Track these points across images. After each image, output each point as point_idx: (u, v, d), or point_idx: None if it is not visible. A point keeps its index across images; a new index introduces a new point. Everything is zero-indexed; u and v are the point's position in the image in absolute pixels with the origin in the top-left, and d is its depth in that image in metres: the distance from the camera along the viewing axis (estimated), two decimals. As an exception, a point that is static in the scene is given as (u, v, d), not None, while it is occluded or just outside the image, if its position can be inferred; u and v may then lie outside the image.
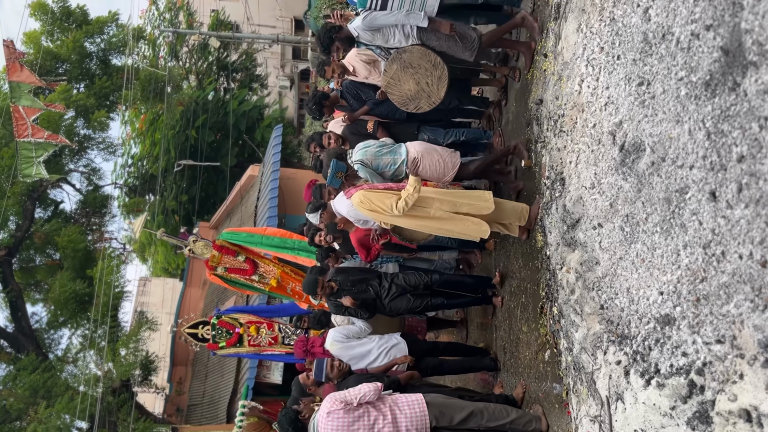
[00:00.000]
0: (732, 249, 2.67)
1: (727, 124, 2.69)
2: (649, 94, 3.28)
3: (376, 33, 5.27)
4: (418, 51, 5.26)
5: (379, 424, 4.20)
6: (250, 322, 8.91)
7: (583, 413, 4.00)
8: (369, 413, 4.25)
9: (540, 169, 4.95)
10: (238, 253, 8.06)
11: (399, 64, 5.30)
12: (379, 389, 4.40)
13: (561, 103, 4.52)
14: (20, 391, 16.41)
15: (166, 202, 21.51)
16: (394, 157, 5.42)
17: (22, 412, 16.38)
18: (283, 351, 9.49)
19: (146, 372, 19.63)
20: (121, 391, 17.66)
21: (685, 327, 2.96)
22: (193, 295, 19.15)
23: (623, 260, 3.51)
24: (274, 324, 8.97)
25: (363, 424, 4.21)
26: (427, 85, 5.31)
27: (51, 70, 23.40)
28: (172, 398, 19.39)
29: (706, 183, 2.82)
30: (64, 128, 21.77)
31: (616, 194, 3.61)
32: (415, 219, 5.01)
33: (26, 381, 16.52)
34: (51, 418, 15.21)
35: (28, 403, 16.21)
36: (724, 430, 2.73)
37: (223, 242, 7.93)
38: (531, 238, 5.15)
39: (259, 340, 8.87)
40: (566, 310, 4.27)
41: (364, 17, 5.19)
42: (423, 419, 4.28)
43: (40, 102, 15.69)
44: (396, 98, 5.46)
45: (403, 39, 5.28)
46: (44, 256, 22.52)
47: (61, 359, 20.12)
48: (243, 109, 22.27)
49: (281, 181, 13.94)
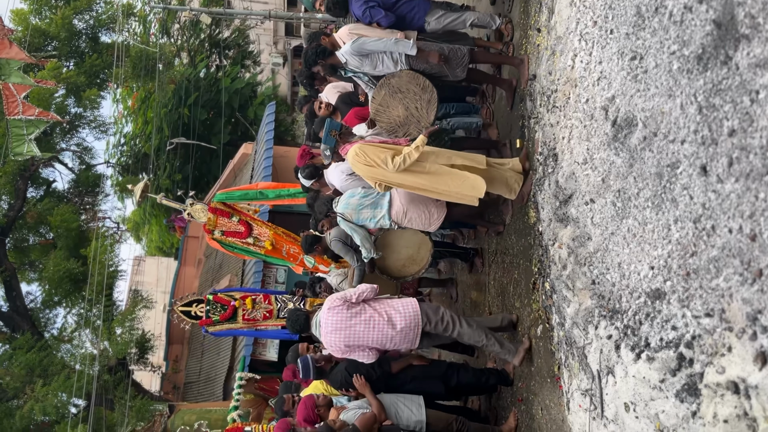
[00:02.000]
0: (722, 223, 2.68)
1: (719, 98, 2.68)
2: (641, 69, 3.26)
3: (364, 59, 5.23)
4: (407, 75, 5.22)
5: (374, 320, 4.66)
6: (245, 296, 8.91)
7: (575, 387, 4.04)
8: (366, 311, 4.71)
9: (533, 146, 4.94)
10: (233, 215, 8.05)
11: (387, 90, 5.27)
12: (375, 289, 4.85)
13: (554, 79, 4.50)
14: (16, 370, 16.45)
15: (159, 180, 21.41)
16: (375, 211, 5.38)
17: (18, 390, 16.44)
18: (278, 324, 9.48)
19: (142, 350, 19.71)
20: (117, 369, 17.75)
21: (675, 301, 2.98)
22: (188, 273, 19.18)
23: (615, 235, 3.53)
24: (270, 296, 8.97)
25: (361, 319, 4.66)
26: (416, 109, 5.26)
27: (40, 47, 23.12)
28: (168, 376, 19.51)
29: (698, 157, 2.82)
30: (54, 106, 21.57)
31: (608, 169, 3.61)
32: (410, 174, 4.84)
33: (22, 360, 16.57)
34: (48, 397, 15.29)
35: (24, 382, 16.28)
36: (712, 401, 2.76)
37: (217, 204, 7.92)
38: (524, 212, 5.16)
39: (254, 314, 8.85)
40: (558, 286, 4.29)
41: (353, 42, 5.16)
42: (416, 317, 4.72)
43: (30, 79, 15.51)
44: (384, 125, 5.40)
45: (392, 65, 5.25)
46: (37, 236, 22.46)
47: (57, 338, 20.16)
48: (235, 87, 22.08)
49: (275, 159, 13.89)
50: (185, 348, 18.95)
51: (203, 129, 21.49)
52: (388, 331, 4.67)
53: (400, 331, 4.68)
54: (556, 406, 4.43)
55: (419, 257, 5.78)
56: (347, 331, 4.71)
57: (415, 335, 4.75)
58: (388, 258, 5.77)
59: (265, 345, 12.00)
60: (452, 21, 5.46)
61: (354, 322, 4.69)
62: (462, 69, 5.26)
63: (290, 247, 8.34)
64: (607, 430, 3.65)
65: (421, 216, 5.33)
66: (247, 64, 26.06)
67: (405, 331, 4.70)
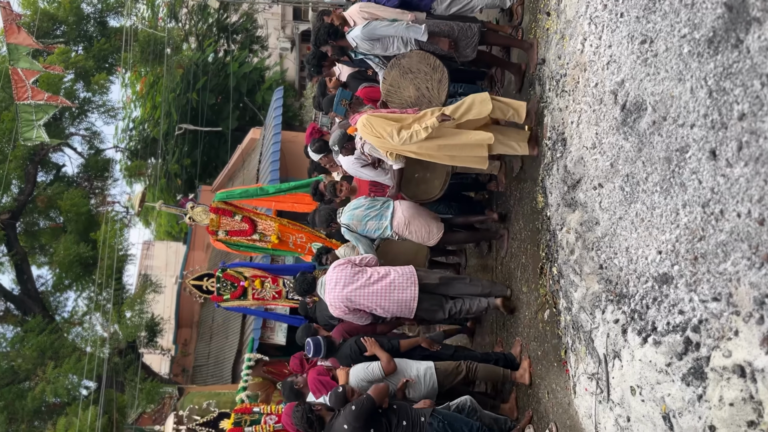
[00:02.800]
0: (731, 207, 2.68)
1: (729, 81, 2.67)
2: (651, 52, 3.24)
3: (375, 42, 5.25)
4: (417, 55, 5.21)
5: (374, 277, 5.18)
6: (255, 276, 8.95)
7: (581, 371, 4.06)
8: (367, 271, 5.25)
9: (541, 130, 4.93)
10: (235, 213, 8.05)
11: (398, 70, 5.26)
12: (377, 260, 5.46)
13: (563, 63, 4.47)
14: (28, 352, 16.66)
15: (168, 165, 21.49)
16: (379, 222, 5.55)
17: (30, 372, 16.66)
18: (287, 305, 9.55)
19: (152, 334, 19.90)
20: (127, 352, 17.94)
21: (682, 285, 2.99)
22: (197, 258, 19.28)
23: (623, 220, 3.53)
24: (278, 278, 9.02)
25: (362, 276, 5.20)
26: (428, 89, 5.25)
27: (48, 32, 23.13)
28: (177, 359, 19.70)
29: (707, 141, 2.81)
30: (63, 91, 21.61)
31: (617, 154, 3.60)
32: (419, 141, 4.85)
33: (33, 342, 16.76)
34: (59, 379, 15.49)
35: (35, 364, 16.48)
36: (718, 385, 2.78)
37: (218, 204, 7.91)
38: (532, 196, 5.15)
39: (263, 294, 8.91)
40: (566, 270, 4.30)
41: (364, 26, 5.17)
42: (411, 273, 5.21)
43: (38, 64, 15.54)
44: (396, 106, 5.39)
45: (402, 47, 5.25)
46: (48, 220, 22.59)
47: (68, 321, 20.37)
48: (243, 71, 22.05)
49: (283, 144, 13.90)
50: (194, 331, 19.10)
51: (211, 114, 21.51)
52: (386, 287, 5.15)
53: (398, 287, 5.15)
54: (563, 389, 4.45)
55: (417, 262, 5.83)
56: (350, 287, 5.16)
57: (411, 296, 5.14)
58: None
59: (273, 329, 12.08)
60: (461, 8, 5.44)
61: (356, 278, 5.18)
62: (472, 49, 5.24)
63: (297, 237, 8.35)
64: (613, 414, 3.68)
65: (422, 230, 5.56)
66: (255, 49, 26.01)
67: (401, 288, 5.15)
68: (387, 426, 4.29)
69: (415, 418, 4.35)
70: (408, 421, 4.32)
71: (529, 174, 5.27)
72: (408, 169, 5.39)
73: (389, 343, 5.14)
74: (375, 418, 4.27)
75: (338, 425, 4.29)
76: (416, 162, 5.37)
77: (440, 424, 4.35)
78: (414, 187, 5.60)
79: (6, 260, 20.90)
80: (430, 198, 5.69)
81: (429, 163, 5.43)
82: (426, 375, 4.88)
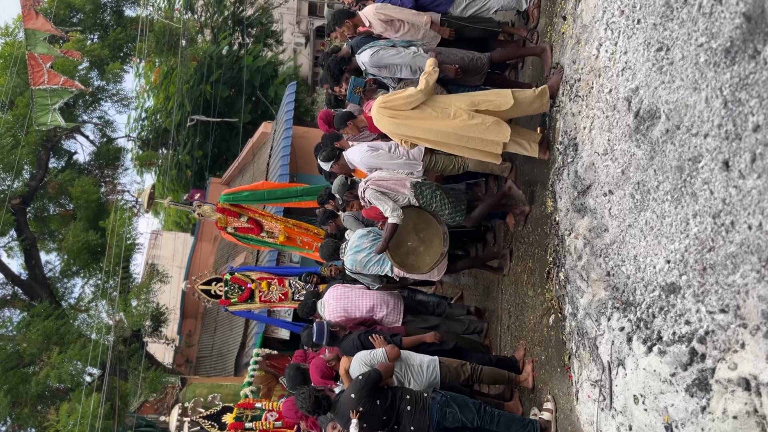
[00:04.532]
0: (742, 219, 2.66)
1: (745, 92, 2.65)
2: (667, 60, 3.22)
3: (382, 69, 5.28)
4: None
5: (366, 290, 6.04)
6: (261, 278, 9.02)
7: (585, 377, 4.05)
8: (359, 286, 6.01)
9: (553, 135, 4.91)
10: (241, 215, 8.07)
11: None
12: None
13: (578, 68, 4.46)
14: (33, 337, 16.75)
15: (179, 156, 21.54)
16: (382, 267, 5.64)
17: (35, 357, 16.74)
18: (293, 306, 9.63)
19: (156, 323, 19.97)
20: (132, 340, 18.02)
21: (690, 296, 2.97)
22: (204, 249, 19.34)
23: (632, 228, 3.51)
24: (284, 280, 9.08)
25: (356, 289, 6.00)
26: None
27: (65, 19, 23.23)
28: (181, 350, 19.77)
29: (720, 152, 2.79)
30: (78, 78, 21.71)
31: (628, 161, 3.59)
32: (434, 121, 4.81)
33: (39, 327, 16.85)
34: (64, 364, 15.56)
35: (41, 349, 16.57)
36: (722, 397, 2.76)
37: (224, 205, 7.93)
38: (541, 201, 5.14)
39: (270, 296, 8.99)
40: (572, 276, 4.28)
41: (371, 54, 5.17)
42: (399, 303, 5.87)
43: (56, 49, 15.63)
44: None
45: (410, 74, 5.25)
46: (58, 206, 22.71)
47: (74, 307, 20.47)
48: (257, 65, 22.06)
49: (293, 139, 13.89)
50: (199, 323, 19.17)
51: (224, 106, 21.54)
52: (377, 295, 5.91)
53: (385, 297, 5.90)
54: (565, 395, 4.44)
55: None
56: (345, 299, 5.90)
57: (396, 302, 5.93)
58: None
59: (278, 323, 12.11)
60: (478, 9, 5.44)
61: (351, 291, 5.95)
62: (480, 77, 5.28)
63: (303, 237, 8.38)
64: (615, 422, 3.66)
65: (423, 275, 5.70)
66: (270, 43, 26.01)
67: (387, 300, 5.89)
68: (392, 399, 4.41)
69: (418, 394, 4.51)
70: (412, 396, 4.46)
71: (539, 178, 5.25)
72: (404, 235, 5.42)
73: (392, 339, 5.19)
74: (380, 390, 4.42)
75: (345, 396, 4.46)
76: (413, 231, 5.48)
77: (443, 398, 4.47)
78: (403, 254, 5.55)
79: (15, 245, 21.03)
80: (415, 273, 5.70)
81: (426, 237, 5.53)
82: (429, 367, 4.89)
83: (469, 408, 4.47)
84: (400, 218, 5.18)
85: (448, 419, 4.40)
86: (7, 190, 19.39)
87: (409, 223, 5.46)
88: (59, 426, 14.79)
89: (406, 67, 5.19)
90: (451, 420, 4.41)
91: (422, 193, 5.26)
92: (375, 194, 5.21)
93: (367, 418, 4.35)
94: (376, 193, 5.21)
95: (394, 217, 5.16)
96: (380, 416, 4.37)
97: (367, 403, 4.34)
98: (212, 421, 9.19)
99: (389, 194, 5.25)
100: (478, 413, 4.45)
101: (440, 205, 5.32)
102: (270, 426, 8.10)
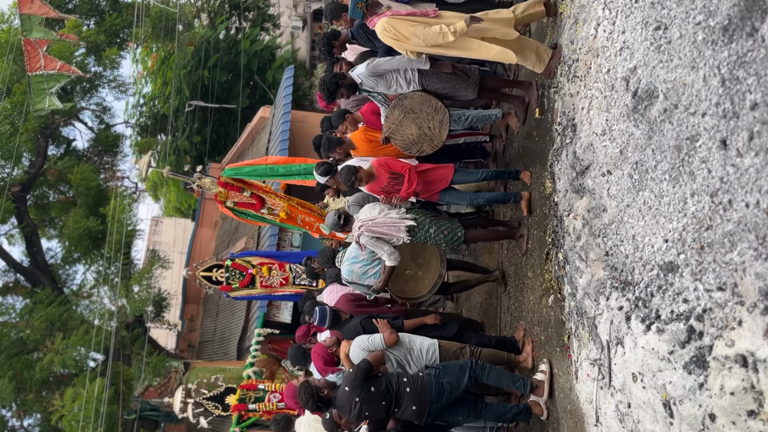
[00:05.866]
0: (739, 197, 2.67)
1: (743, 70, 2.65)
2: (665, 39, 3.22)
3: (379, 79, 5.30)
4: (419, 96, 5.27)
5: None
6: (262, 264, 9.06)
7: (584, 356, 4.08)
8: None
9: (552, 116, 4.90)
10: (243, 189, 8.04)
11: (401, 110, 5.33)
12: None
13: (576, 48, 4.44)
14: (37, 323, 16.84)
15: (178, 142, 21.49)
16: (378, 279, 5.58)
17: (38, 343, 16.85)
18: (293, 291, 9.68)
19: (159, 309, 20.07)
20: (134, 326, 18.11)
21: (687, 274, 2.99)
22: (205, 235, 19.37)
23: (630, 208, 3.52)
24: (285, 264, 9.11)
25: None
26: (429, 129, 5.35)
27: (60, 5, 23.05)
28: (184, 335, 19.88)
29: (718, 131, 2.79)
30: (75, 64, 21.61)
31: (626, 141, 3.59)
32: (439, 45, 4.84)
33: (42, 314, 16.94)
34: (67, 350, 15.66)
35: (44, 335, 16.67)
36: (719, 374, 2.79)
37: (226, 179, 7.91)
38: (540, 182, 5.14)
39: (271, 281, 9.04)
40: (571, 257, 4.30)
41: (367, 64, 5.21)
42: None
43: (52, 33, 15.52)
44: (399, 143, 5.48)
45: (405, 85, 5.29)
46: (58, 193, 22.71)
47: (76, 294, 20.55)
48: (255, 49, 21.92)
49: (292, 123, 13.85)
50: (201, 308, 19.26)
51: (222, 91, 21.44)
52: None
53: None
54: (565, 374, 4.48)
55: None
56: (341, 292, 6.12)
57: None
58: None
59: (279, 307, 12.17)
60: None
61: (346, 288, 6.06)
62: (473, 89, 5.32)
63: (305, 216, 8.38)
64: (613, 399, 3.70)
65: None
66: (267, 27, 25.83)
67: None
68: (387, 384, 4.49)
69: (415, 376, 4.61)
70: (409, 379, 4.55)
71: (538, 159, 5.26)
72: (402, 264, 5.47)
73: (393, 322, 5.23)
74: (373, 378, 4.51)
75: (340, 391, 4.57)
76: (410, 259, 5.55)
77: (436, 371, 4.59)
78: (402, 284, 5.68)
79: (16, 232, 21.08)
80: (416, 299, 5.77)
81: (423, 262, 5.61)
82: (429, 350, 4.94)
83: (462, 369, 4.60)
84: (397, 260, 5.32)
85: (447, 389, 4.50)
86: (6, 177, 19.37)
87: (406, 252, 5.57)
88: (64, 411, 14.92)
89: (402, 75, 5.23)
90: (450, 389, 4.51)
91: (416, 235, 5.31)
92: (370, 240, 5.29)
93: (366, 406, 4.45)
94: (371, 239, 5.28)
95: (392, 260, 5.30)
96: (379, 401, 4.46)
97: (362, 392, 4.44)
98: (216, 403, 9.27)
99: (384, 238, 5.30)
100: (471, 369, 4.58)
101: (435, 241, 5.39)
102: (273, 407, 8.18)
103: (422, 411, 4.47)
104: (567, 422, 4.40)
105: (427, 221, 5.34)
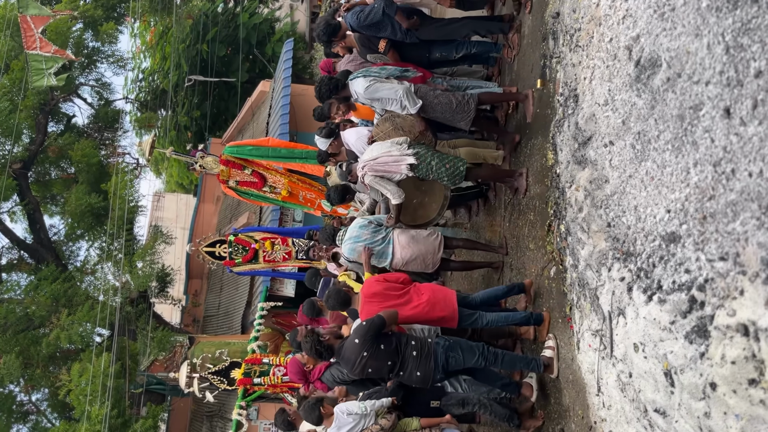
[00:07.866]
0: (742, 167, 2.65)
1: (747, 37, 2.61)
2: (669, 6, 3.16)
3: (375, 101, 5.49)
4: (410, 121, 5.46)
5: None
6: (265, 238, 9.09)
7: (586, 327, 4.10)
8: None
9: (554, 86, 4.86)
10: (245, 167, 8.06)
11: (391, 124, 5.52)
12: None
13: (578, 17, 4.38)
14: (42, 299, 16.94)
15: (178, 117, 21.38)
16: (380, 260, 5.70)
17: (44, 319, 16.97)
18: (297, 265, 9.74)
19: (163, 284, 20.16)
20: (139, 301, 18.22)
21: (689, 245, 2.98)
22: (207, 210, 19.39)
23: (633, 178, 3.50)
24: (287, 239, 9.14)
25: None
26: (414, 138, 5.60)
27: (56, -21, 22.76)
28: (188, 309, 20.03)
29: (721, 99, 2.76)
30: (72, 40, 21.41)
31: (629, 111, 3.55)
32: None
33: (47, 290, 17.02)
34: (73, 326, 15.78)
35: (50, 311, 16.78)
36: (720, 343, 2.80)
37: (228, 156, 7.92)
38: (542, 154, 5.12)
39: (274, 256, 9.07)
40: (573, 228, 4.30)
41: (366, 87, 5.36)
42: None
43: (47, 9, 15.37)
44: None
45: (400, 110, 5.43)
46: (59, 170, 22.65)
47: (80, 270, 20.63)
48: (253, 22, 21.68)
49: (292, 97, 13.76)
50: (204, 282, 19.36)
51: (221, 66, 21.27)
52: None
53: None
54: (567, 345, 4.51)
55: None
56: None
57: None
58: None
59: (283, 282, 12.23)
60: None
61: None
62: (466, 122, 5.47)
63: (307, 193, 8.40)
64: (615, 369, 3.73)
65: (420, 266, 5.77)
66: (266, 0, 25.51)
67: None
68: (396, 344, 4.49)
69: (423, 340, 4.59)
70: (417, 342, 4.55)
71: (540, 131, 5.22)
72: (408, 195, 5.56)
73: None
74: (384, 335, 4.50)
75: (349, 341, 4.58)
76: (414, 188, 5.66)
77: (446, 342, 4.58)
78: (412, 212, 5.82)
79: (19, 209, 21.09)
80: (428, 222, 5.95)
81: (426, 188, 5.74)
82: (431, 330, 4.96)
83: (472, 351, 4.59)
84: (402, 197, 5.42)
85: (452, 363, 4.52)
86: (7, 154, 19.33)
87: (410, 183, 5.59)
88: (71, 386, 15.09)
89: (397, 101, 5.37)
90: (454, 364, 4.53)
91: (418, 168, 5.35)
92: (374, 179, 5.39)
93: (372, 362, 4.45)
94: (375, 178, 5.39)
95: (397, 198, 5.41)
96: (385, 360, 4.46)
97: (371, 347, 4.43)
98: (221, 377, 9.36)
99: (387, 176, 5.39)
100: (482, 354, 4.56)
101: (437, 175, 5.42)
102: (278, 381, 8.25)
103: (427, 378, 4.50)
104: (569, 392, 4.44)
105: (428, 154, 5.40)
